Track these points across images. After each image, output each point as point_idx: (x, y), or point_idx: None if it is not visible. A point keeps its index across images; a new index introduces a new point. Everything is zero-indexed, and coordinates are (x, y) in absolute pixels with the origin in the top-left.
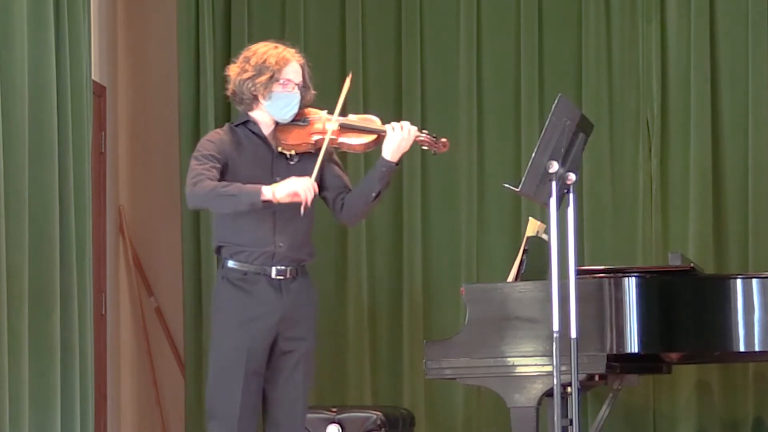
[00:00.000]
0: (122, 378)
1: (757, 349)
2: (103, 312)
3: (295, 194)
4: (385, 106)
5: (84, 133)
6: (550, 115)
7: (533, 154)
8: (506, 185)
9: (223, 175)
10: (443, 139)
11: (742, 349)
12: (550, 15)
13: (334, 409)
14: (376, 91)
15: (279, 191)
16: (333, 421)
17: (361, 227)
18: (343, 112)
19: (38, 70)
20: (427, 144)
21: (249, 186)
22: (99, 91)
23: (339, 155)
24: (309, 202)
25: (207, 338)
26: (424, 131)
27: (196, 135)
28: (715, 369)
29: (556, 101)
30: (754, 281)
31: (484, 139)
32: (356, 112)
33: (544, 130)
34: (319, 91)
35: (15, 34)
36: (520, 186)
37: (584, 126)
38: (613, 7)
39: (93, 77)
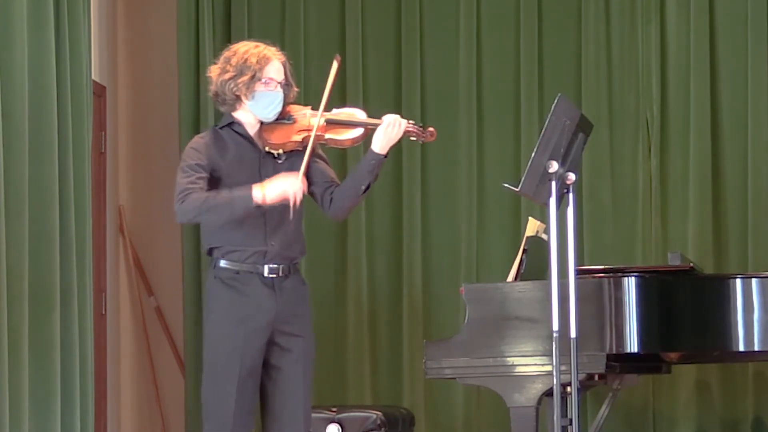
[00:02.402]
0: (122, 378)
1: (756, 348)
2: (103, 312)
3: (285, 196)
4: (384, 106)
5: (84, 133)
6: (549, 115)
7: (533, 154)
8: (506, 185)
9: (211, 181)
10: (430, 129)
11: (741, 348)
12: (550, 15)
13: (334, 409)
14: (376, 91)
15: (269, 194)
16: (333, 421)
17: (361, 227)
18: (328, 108)
19: (38, 70)
20: (414, 134)
21: (238, 192)
22: (99, 91)
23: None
24: (298, 203)
25: None
26: (410, 121)
27: (197, 135)
28: (714, 369)
29: (555, 101)
30: (754, 281)
31: (483, 138)
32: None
33: (543, 130)
34: (318, 90)
35: (15, 34)
36: (519, 186)
37: (584, 126)
38: (612, 7)
39: (93, 77)
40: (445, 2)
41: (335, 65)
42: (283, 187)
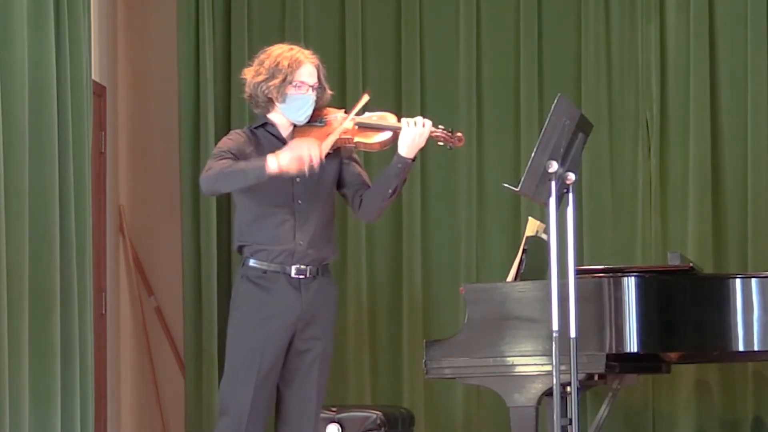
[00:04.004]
0: (122, 378)
1: (756, 348)
2: (103, 312)
3: (300, 159)
4: (384, 107)
5: (84, 133)
6: (549, 115)
7: (533, 154)
8: (506, 185)
9: None
10: (458, 134)
11: (741, 348)
12: (550, 15)
13: (334, 409)
14: (376, 91)
15: (283, 159)
16: (333, 421)
17: (361, 227)
18: (360, 112)
19: (38, 70)
20: (442, 139)
21: (255, 161)
22: (99, 91)
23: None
24: (315, 164)
25: (207, 338)
26: (440, 126)
27: (196, 135)
28: (714, 368)
29: (555, 101)
30: (753, 281)
31: (483, 139)
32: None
33: (543, 130)
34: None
35: (15, 34)
36: (519, 186)
37: (584, 126)
38: (612, 7)
39: (93, 77)
40: (445, 2)
41: (365, 98)
42: (298, 150)
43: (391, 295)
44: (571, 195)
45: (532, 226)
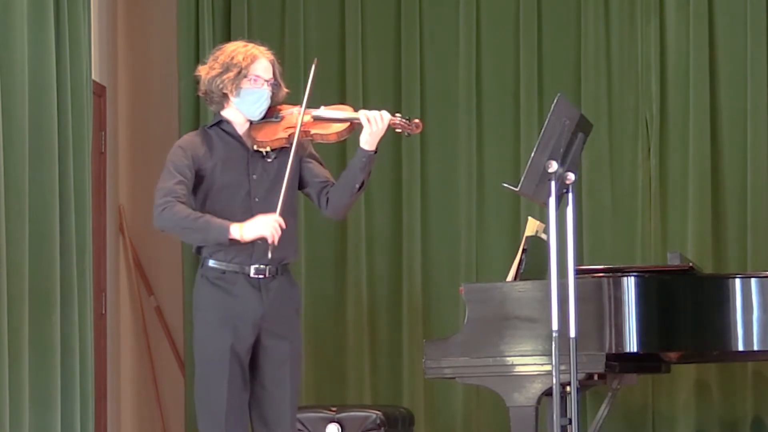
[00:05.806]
0: (122, 378)
1: (755, 348)
2: (103, 312)
3: (262, 236)
4: (384, 106)
5: (84, 133)
6: (549, 115)
7: (532, 154)
8: (506, 185)
9: (198, 180)
10: (416, 120)
11: (740, 348)
12: (550, 15)
13: (334, 409)
14: (375, 91)
15: (246, 232)
16: (332, 420)
17: (361, 227)
18: (315, 105)
19: (38, 70)
20: (400, 127)
21: (217, 223)
22: (99, 91)
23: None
24: (276, 242)
25: None
26: (397, 114)
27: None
28: (713, 368)
29: (555, 101)
30: (753, 281)
31: (483, 138)
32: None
33: (543, 130)
34: (319, 90)
35: (15, 34)
36: (519, 185)
37: (583, 125)
38: (612, 6)
39: (93, 77)
40: (445, 2)
41: (314, 68)
42: (261, 229)
43: (391, 294)
44: (570, 195)
45: (531, 226)
